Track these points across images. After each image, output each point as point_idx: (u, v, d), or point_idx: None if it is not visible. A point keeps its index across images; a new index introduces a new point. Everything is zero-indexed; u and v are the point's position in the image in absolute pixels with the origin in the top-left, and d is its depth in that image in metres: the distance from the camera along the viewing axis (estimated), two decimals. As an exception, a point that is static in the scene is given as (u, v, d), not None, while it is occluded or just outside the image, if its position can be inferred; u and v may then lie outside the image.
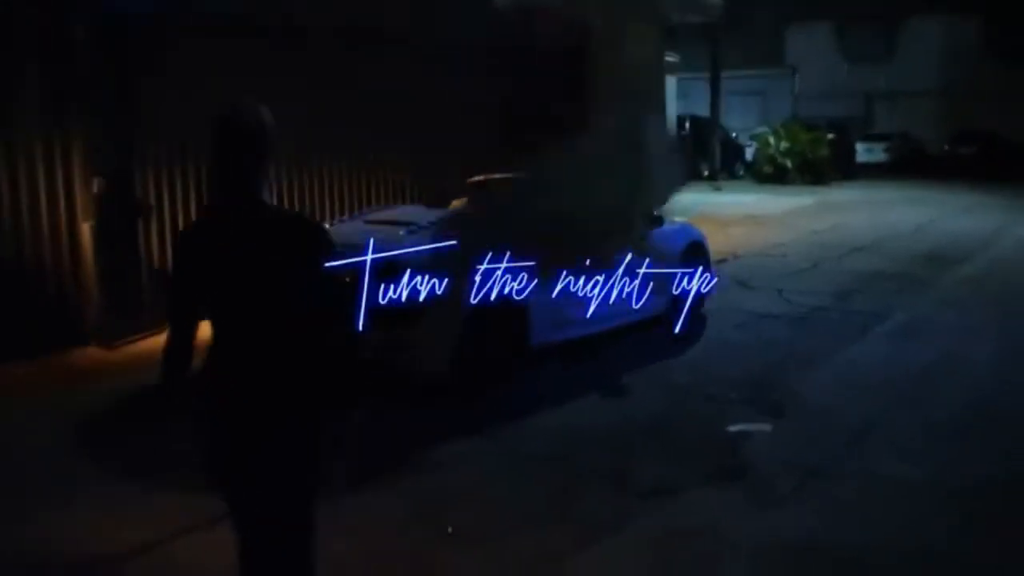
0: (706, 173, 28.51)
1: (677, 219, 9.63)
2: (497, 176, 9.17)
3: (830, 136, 29.31)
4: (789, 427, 6.35)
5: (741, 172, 31.48)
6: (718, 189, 25.25)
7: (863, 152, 36.48)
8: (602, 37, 15.74)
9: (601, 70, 17.27)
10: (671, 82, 24.76)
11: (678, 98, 30.31)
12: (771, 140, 28.68)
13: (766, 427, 6.31)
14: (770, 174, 28.17)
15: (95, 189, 8.12)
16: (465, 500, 5.16)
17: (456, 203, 9.13)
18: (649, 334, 8.60)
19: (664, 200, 18.02)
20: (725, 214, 18.98)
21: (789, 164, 27.85)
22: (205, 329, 3.00)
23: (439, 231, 7.04)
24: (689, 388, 7.15)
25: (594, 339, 8.00)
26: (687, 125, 29.59)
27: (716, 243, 9.84)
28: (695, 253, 9.20)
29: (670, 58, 23.30)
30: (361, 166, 11.18)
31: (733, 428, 6.25)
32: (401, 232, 7.10)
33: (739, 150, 32.99)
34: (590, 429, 6.28)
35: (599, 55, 17.64)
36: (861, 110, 45.89)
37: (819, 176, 27.58)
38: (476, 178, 9.17)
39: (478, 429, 6.22)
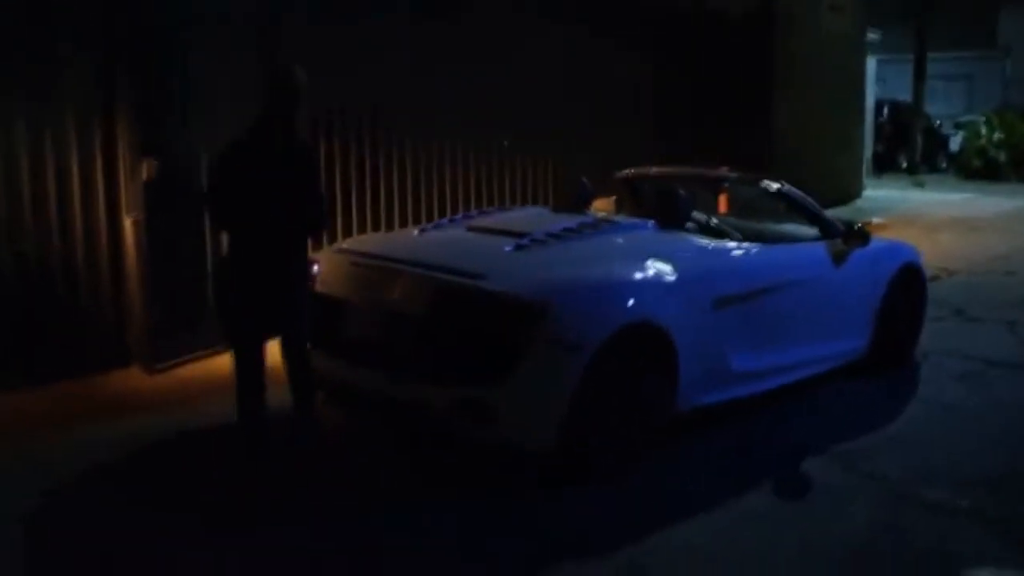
0: (904, 165, 25.63)
1: (883, 236, 7.35)
2: (653, 170, 7.17)
3: (1051, 127, 25.81)
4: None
5: (944, 165, 28.27)
6: (920, 185, 22.38)
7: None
8: (792, 3, 13.43)
9: (790, 45, 14.97)
10: (870, 63, 21.99)
11: (875, 81, 27.42)
12: (983, 130, 25.42)
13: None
14: (979, 168, 24.95)
15: (144, 175, 6.53)
16: None
17: (600, 203, 7.20)
18: (839, 389, 6.49)
19: (853, 195, 15.42)
20: (930, 216, 16.37)
21: (1003, 158, 24.60)
22: None
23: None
24: (899, 488, 5.00)
25: (765, 394, 5.95)
26: (885, 111, 26.68)
27: (923, 254, 7.54)
28: (909, 281, 6.99)
29: (871, 35, 20.59)
30: (491, 154, 9.36)
31: None
32: (508, 248, 5.22)
33: (942, 140, 29.72)
34: (748, 557, 4.26)
35: (788, 26, 15.34)
36: (1080, 99, 41.42)
37: (1035, 172, 24.29)
38: (625, 172, 7.20)
39: (583, 541, 4.31)
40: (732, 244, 5.88)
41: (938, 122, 30.53)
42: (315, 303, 5.30)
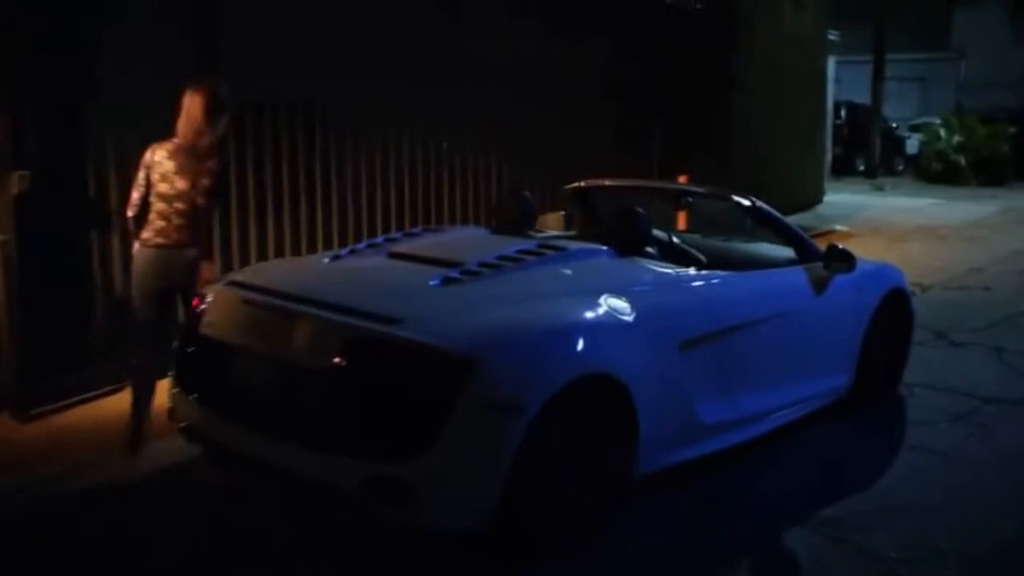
0: (862, 168, 25.07)
1: (866, 257, 6.57)
2: (607, 182, 6.31)
3: (1012, 130, 25.35)
4: None
5: (901, 168, 27.80)
6: (880, 189, 21.81)
7: (1040, 148, 32.19)
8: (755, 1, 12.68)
9: (752, 44, 14.18)
10: (830, 64, 21.34)
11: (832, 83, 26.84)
12: (942, 133, 24.92)
13: None
14: (939, 172, 24.46)
15: (14, 189, 5.56)
16: None
17: (548, 220, 6.35)
18: (818, 434, 5.69)
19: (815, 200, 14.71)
20: (895, 223, 15.70)
21: (963, 162, 24.08)
22: None
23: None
24: (901, 571, 4.19)
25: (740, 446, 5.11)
26: (843, 113, 26.12)
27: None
28: (896, 309, 6.19)
29: (831, 35, 19.92)
30: (430, 160, 8.44)
31: None
32: (433, 282, 4.32)
33: (899, 143, 29.27)
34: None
35: (751, 25, 14.54)
36: (1033, 102, 41.22)
37: (997, 176, 23.78)
38: (576, 184, 6.33)
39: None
40: (700, 273, 5.03)
41: (895, 124, 30.07)
42: (199, 349, 4.40)
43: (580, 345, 4.03)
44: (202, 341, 4.46)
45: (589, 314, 4.20)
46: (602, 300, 4.29)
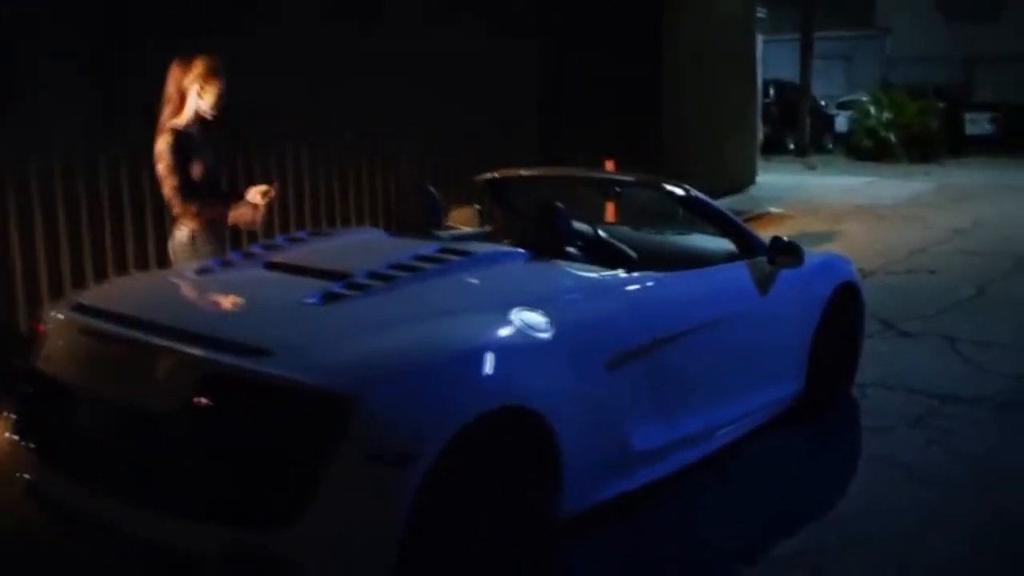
0: (792, 147, 24.69)
1: (812, 250, 5.98)
2: (524, 172, 5.61)
3: (941, 105, 25.14)
4: None
5: (830, 146, 27.51)
6: (812, 167, 21.41)
7: (967, 124, 32.13)
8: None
9: (681, 22, 13.56)
10: (758, 42, 20.87)
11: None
12: (871, 110, 24.60)
13: None
14: (869, 149, 24.13)
15: None
16: None
17: (458, 216, 5.65)
18: (765, 448, 5.08)
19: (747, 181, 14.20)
20: (830, 203, 15.23)
21: (893, 138, 23.78)
22: None
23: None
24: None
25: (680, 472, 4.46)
26: (771, 92, 25.72)
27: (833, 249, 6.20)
28: (846, 304, 5.60)
29: (759, 13, 19.42)
30: (334, 155, 7.69)
31: None
32: (311, 299, 3.60)
33: (828, 121, 28.99)
34: None
35: (679, 3, 13.91)
36: (960, 76, 41.29)
37: (928, 152, 23.53)
38: (488, 174, 5.63)
39: None
40: (629, 276, 4.34)
41: (823, 102, 29.79)
42: (36, 388, 3.64)
43: (486, 374, 3.34)
44: (39, 379, 3.69)
45: (497, 334, 3.50)
46: (514, 315, 3.60)
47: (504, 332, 3.52)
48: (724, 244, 5.28)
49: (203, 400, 3.13)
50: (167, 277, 4.36)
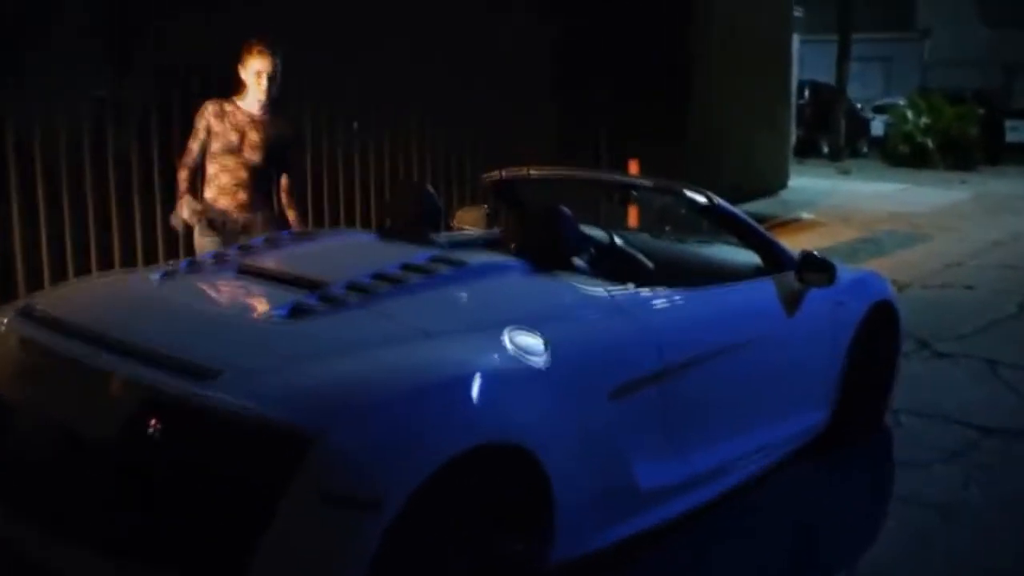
0: (826, 150, 24.12)
1: (846, 265, 5.51)
2: (533, 172, 5.17)
3: (980, 111, 24.47)
4: None
5: (865, 150, 26.91)
6: (846, 172, 20.82)
7: (1007, 131, 31.40)
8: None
9: (712, 14, 13.05)
10: (794, 41, 20.33)
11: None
12: (908, 114, 23.99)
13: None
14: (905, 155, 23.53)
15: None
16: None
17: (465, 216, 5.25)
18: (789, 484, 4.62)
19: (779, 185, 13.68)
20: (865, 210, 14.69)
21: (931, 144, 23.16)
22: None
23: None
24: None
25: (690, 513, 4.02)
26: (806, 93, 25.11)
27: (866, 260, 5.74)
28: (881, 325, 5.14)
29: (796, 11, 18.87)
30: (339, 144, 7.28)
31: None
32: (279, 312, 3.18)
33: (864, 124, 28.36)
34: None
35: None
36: (999, 82, 40.46)
37: (965, 160, 22.90)
38: (495, 174, 5.20)
39: None
40: (641, 294, 3.90)
41: (859, 105, 29.18)
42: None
43: (468, 407, 2.91)
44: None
45: (485, 359, 3.07)
46: (505, 337, 3.17)
47: (492, 357, 3.09)
48: (750, 256, 4.83)
49: (142, 427, 2.73)
50: (127, 281, 3.95)
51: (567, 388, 3.24)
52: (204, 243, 4.86)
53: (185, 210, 4.85)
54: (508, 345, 3.14)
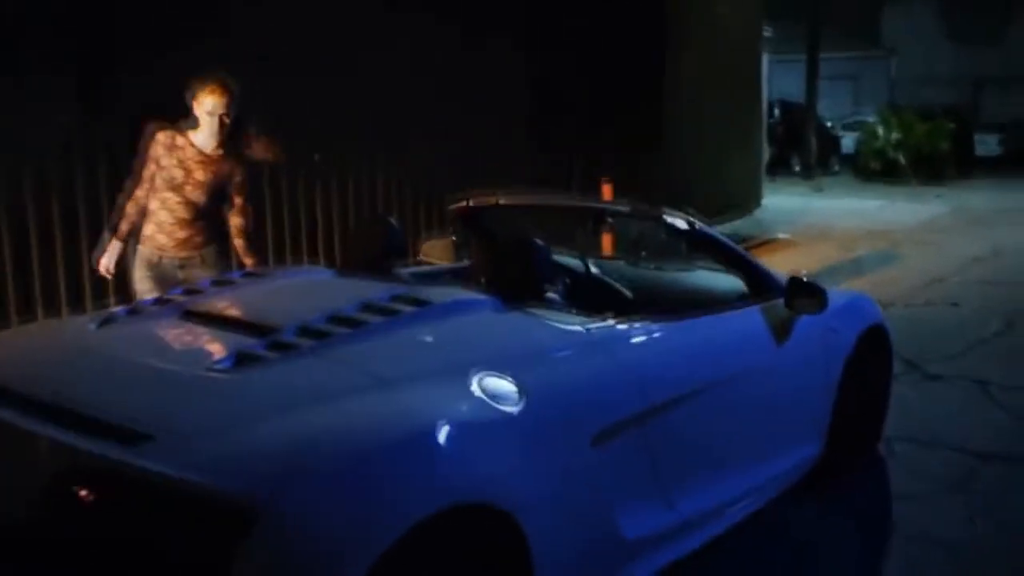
0: (798, 168, 24.05)
1: (835, 288, 5.27)
2: (502, 199, 4.88)
3: (951, 126, 24.47)
4: None
5: (836, 168, 26.87)
6: (819, 190, 20.73)
7: (977, 144, 31.47)
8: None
9: (684, 33, 12.86)
10: (764, 60, 20.21)
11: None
12: (879, 130, 23.98)
13: None
14: (877, 171, 23.53)
15: None
16: None
17: (431, 249, 4.97)
18: (779, 524, 4.33)
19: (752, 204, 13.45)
20: (841, 228, 14.52)
21: (902, 159, 23.12)
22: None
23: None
24: None
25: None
26: (776, 111, 25.06)
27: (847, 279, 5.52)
28: (873, 350, 4.88)
29: (765, 32, 18.76)
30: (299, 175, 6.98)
31: None
32: (223, 362, 2.87)
33: (834, 142, 28.35)
34: None
35: (682, 13, 13.20)
36: (966, 97, 40.63)
37: (937, 173, 22.88)
38: (461, 202, 4.91)
39: None
40: (621, 328, 3.60)
41: (829, 123, 29.19)
42: None
43: (435, 465, 2.61)
44: None
45: (452, 409, 2.77)
46: (474, 383, 2.88)
47: (459, 406, 2.79)
48: (733, 282, 4.56)
49: (70, 500, 2.42)
50: (61, 330, 3.64)
51: (543, 437, 2.95)
52: (143, 284, 4.57)
53: (109, 257, 4.64)
54: (477, 392, 2.85)
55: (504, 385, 2.92)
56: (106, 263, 4.72)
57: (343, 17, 7.16)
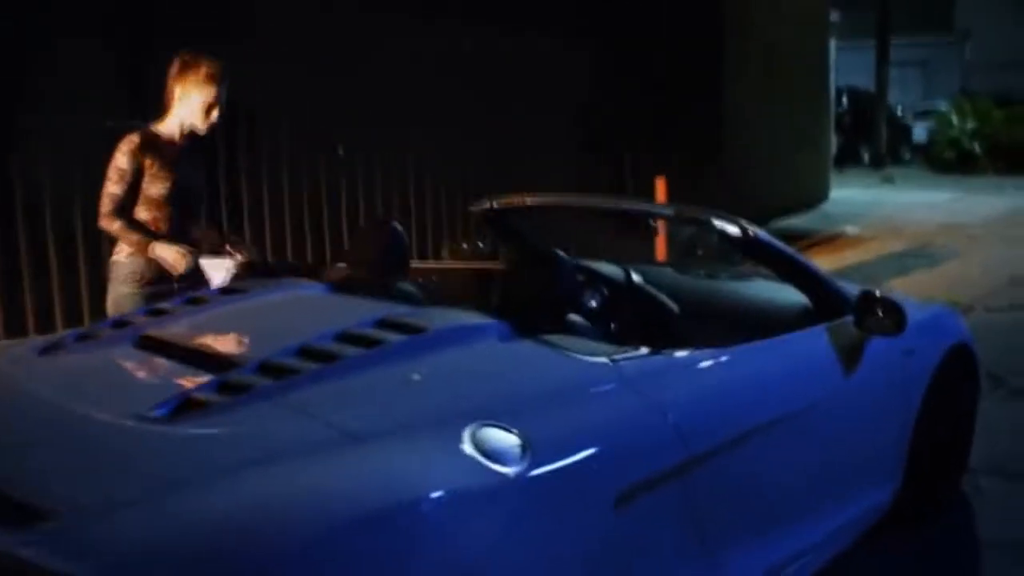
0: (867, 159, 23.20)
1: (915, 300, 4.61)
2: (530, 200, 4.30)
3: (1030, 113, 23.40)
4: None
5: (908, 157, 25.94)
6: (890, 181, 19.87)
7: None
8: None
9: (746, 20, 12.20)
10: (831, 46, 19.37)
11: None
12: (953, 119, 23.00)
13: None
14: (952, 161, 22.56)
15: None
16: None
17: (451, 255, 4.42)
18: (843, 567, 3.73)
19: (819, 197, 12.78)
20: (915, 222, 13.73)
21: (978, 149, 22.13)
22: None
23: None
24: None
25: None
26: (844, 100, 24.20)
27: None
28: (958, 373, 4.23)
29: (833, 15, 17.96)
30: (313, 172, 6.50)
31: None
32: (162, 409, 2.34)
33: (905, 131, 27.36)
34: None
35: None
36: (1044, 84, 39.22)
37: (1017, 165, 21.81)
38: (484, 204, 4.35)
39: None
40: (656, 359, 3.00)
41: (900, 111, 28.19)
42: None
43: (408, 549, 2.05)
44: None
45: (436, 474, 2.22)
46: (467, 439, 2.32)
47: (446, 470, 2.23)
48: (796, 294, 3.95)
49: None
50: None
51: (554, 502, 2.38)
52: (121, 298, 4.05)
53: (169, 252, 4.04)
54: (468, 450, 2.29)
55: (504, 439, 2.35)
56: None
57: (378, 9, 6.69)
